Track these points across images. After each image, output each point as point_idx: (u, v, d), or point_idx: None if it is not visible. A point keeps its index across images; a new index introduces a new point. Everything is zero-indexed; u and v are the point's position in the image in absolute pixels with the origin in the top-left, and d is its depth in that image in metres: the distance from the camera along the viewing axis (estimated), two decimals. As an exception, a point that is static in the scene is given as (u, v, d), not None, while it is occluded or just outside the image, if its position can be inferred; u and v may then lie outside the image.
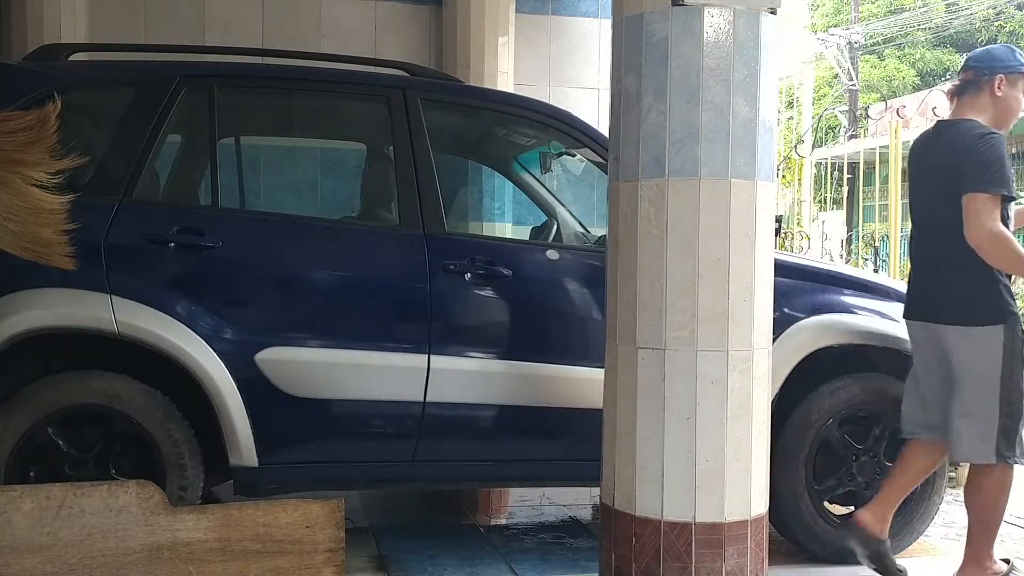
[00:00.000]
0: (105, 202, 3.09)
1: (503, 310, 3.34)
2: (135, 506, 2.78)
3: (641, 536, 2.50)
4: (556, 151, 4.16)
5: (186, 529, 2.81)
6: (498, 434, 3.34)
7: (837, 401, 3.40)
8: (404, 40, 6.67)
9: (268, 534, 2.86)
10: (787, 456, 3.35)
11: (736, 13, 2.43)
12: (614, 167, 2.61)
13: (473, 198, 5.96)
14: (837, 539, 3.39)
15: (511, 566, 3.38)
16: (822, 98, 23.10)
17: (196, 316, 3.06)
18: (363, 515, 4.00)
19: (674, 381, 2.46)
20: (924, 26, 26.15)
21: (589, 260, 3.41)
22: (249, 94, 3.65)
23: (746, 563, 2.49)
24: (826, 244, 12.89)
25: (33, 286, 2.99)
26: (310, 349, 3.17)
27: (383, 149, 3.77)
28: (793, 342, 3.32)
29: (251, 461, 3.09)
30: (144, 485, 2.82)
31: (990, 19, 25.41)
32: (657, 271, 2.47)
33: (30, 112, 3.00)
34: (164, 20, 6.23)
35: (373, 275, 3.28)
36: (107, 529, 2.76)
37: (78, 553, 2.74)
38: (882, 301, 3.56)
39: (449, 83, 3.78)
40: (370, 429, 3.26)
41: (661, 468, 2.47)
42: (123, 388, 3.04)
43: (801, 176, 11.20)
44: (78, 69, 3.39)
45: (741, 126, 2.45)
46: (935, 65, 25.90)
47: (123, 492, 2.79)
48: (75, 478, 2.99)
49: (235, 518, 2.85)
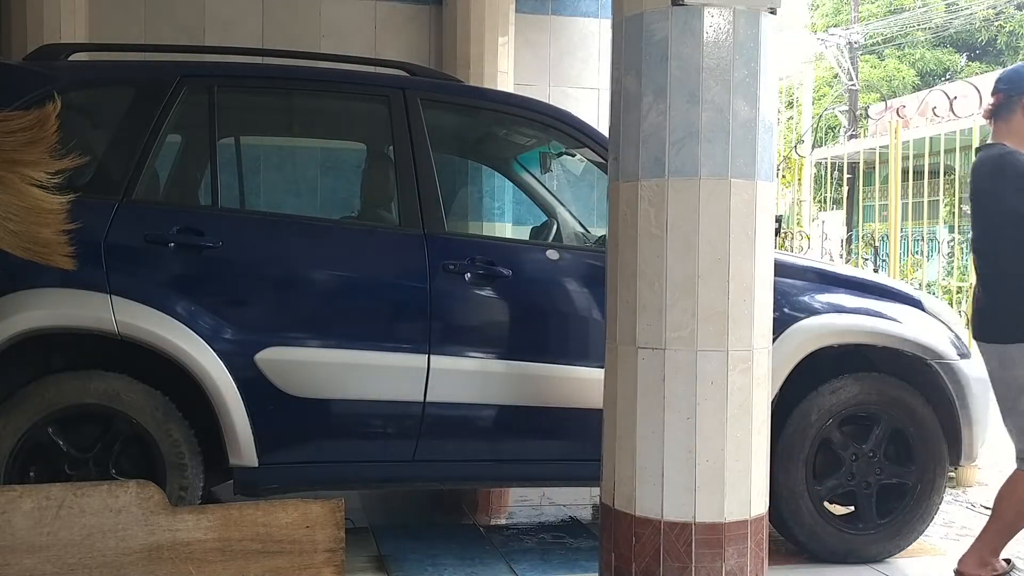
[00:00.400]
0: (105, 202, 3.09)
1: (503, 310, 3.34)
2: (135, 506, 2.78)
3: (641, 536, 2.50)
4: (556, 151, 4.16)
5: (186, 529, 2.81)
6: (498, 434, 3.33)
7: (837, 401, 3.40)
8: (404, 40, 6.67)
9: (268, 534, 2.86)
10: (787, 456, 3.36)
11: (736, 13, 2.43)
12: (614, 167, 2.61)
13: (473, 198, 5.96)
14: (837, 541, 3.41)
15: (511, 566, 3.38)
16: (822, 98, 23.08)
17: (196, 316, 3.06)
18: (363, 515, 4.00)
19: (674, 381, 2.46)
20: (924, 26, 26.15)
21: (589, 260, 3.41)
22: (249, 94, 3.65)
23: (746, 563, 2.49)
24: (826, 244, 12.86)
25: (33, 286, 2.99)
26: (310, 349, 3.17)
27: (383, 149, 3.77)
28: (793, 342, 3.32)
29: (251, 461, 3.09)
30: (144, 485, 2.82)
31: (990, 19, 25.40)
32: (657, 271, 2.47)
33: (30, 112, 3.00)
34: (164, 20, 6.23)
35: (373, 275, 3.28)
36: (107, 529, 2.76)
37: (78, 553, 2.74)
38: (882, 301, 3.56)
39: (449, 83, 3.78)
40: (370, 429, 3.26)
41: (661, 468, 2.47)
42: (123, 388, 3.04)
43: (801, 176, 11.18)
44: (78, 69, 3.39)
45: (741, 126, 2.45)
46: (935, 65, 25.90)
47: (123, 492, 2.79)
48: (75, 478, 2.99)
49: (235, 518, 2.85)
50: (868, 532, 3.46)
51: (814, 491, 3.41)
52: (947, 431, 3.50)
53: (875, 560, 3.47)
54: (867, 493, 3.45)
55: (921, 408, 3.47)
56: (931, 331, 3.52)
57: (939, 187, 8.53)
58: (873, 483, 3.45)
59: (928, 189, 6.99)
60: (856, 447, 3.44)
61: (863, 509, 3.46)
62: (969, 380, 3.48)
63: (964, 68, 25.73)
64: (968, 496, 4.63)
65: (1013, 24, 24.99)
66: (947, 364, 3.48)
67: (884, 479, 3.46)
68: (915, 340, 3.46)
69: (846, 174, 12.52)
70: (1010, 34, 25.28)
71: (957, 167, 14.12)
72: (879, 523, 3.46)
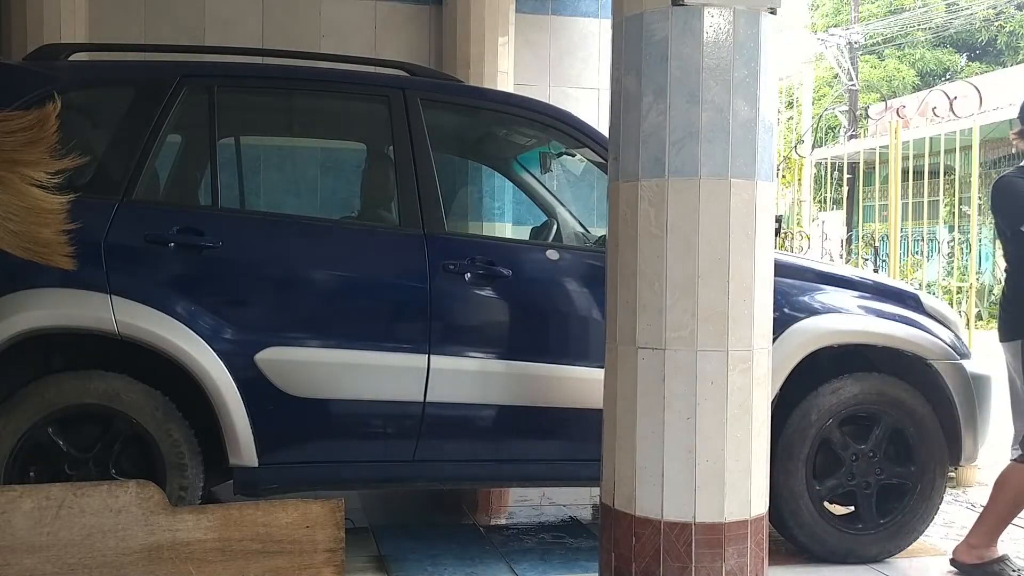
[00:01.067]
0: (105, 202, 3.09)
1: (503, 310, 3.34)
2: (135, 506, 2.78)
3: (641, 536, 2.50)
4: (556, 151, 4.16)
5: (186, 529, 2.81)
6: (498, 434, 3.33)
7: (837, 401, 3.40)
8: (404, 40, 6.67)
9: (268, 534, 2.86)
10: (787, 456, 3.36)
11: (736, 13, 2.43)
12: (614, 167, 2.61)
13: (473, 198, 5.96)
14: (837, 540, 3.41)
15: (511, 566, 3.38)
16: (822, 98, 23.08)
17: (196, 316, 3.06)
18: (363, 515, 4.00)
19: (674, 381, 2.46)
20: (924, 26, 26.15)
21: (589, 260, 3.41)
22: (249, 94, 3.65)
23: (746, 563, 2.49)
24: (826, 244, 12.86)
25: (33, 286, 2.99)
26: (310, 349, 3.17)
27: (383, 149, 3.77)
28: (793, 342, 3.32)
29: (251, 461, 3.09)
30: (144, 485, 2.82)
31: (990, 19, 25.41)
32: (657, 271, 2.47)
33: (30, 112, 3.00)
34: (164, 20, 6.23)
35: (373, 275, 3.28)
36: (107, 529, 2.76)
37: (78, 553, 2.74)
38: (882, 301, 3.56)
39: (449, 83, 3.78)
40: (370, 429, 3.26)
41: (661, 468, 2.47)
42: (123, 388, 3.04)
43: (801, 176, 11.18)
44: (78, 69, 3.39)
45: (741, 126, 2.45)
46: (935, 65, 25.90)
47: (123, 492, 2.79)
48: (75, 478, 2.99)
49: (235, 518, 2.85)
50: (868, 532, 3.46)
51: (814, 491, 3.41)
52: (947, 431, 3.50)
53: (875, 560, 3.47)
54: (867, 493, 3.45)
55: (921, 408, 3.47)
56: (931, 331, 3.52)
57: (939, 187, 8.53)
58: (873, 483, 3.45)
59: (928, 189, 6.98)
60: (856, 447, 3.44)
61: (863, 509, 3.46)
62: (969, 380, 3.48)
63: (964, 68, 25.74)
64: (968, 496, 4.63)
65: (1013, 24, 24.99)
66: (947, 364, 3.48)
67: (884, 479, 3.46)
68: (915, 340, 3.46)
69: (846, 174, 12.51)
70: (1010, 34, 25.28)
71: (957, 167, 14.12)
72: (879, 523, 3.46)
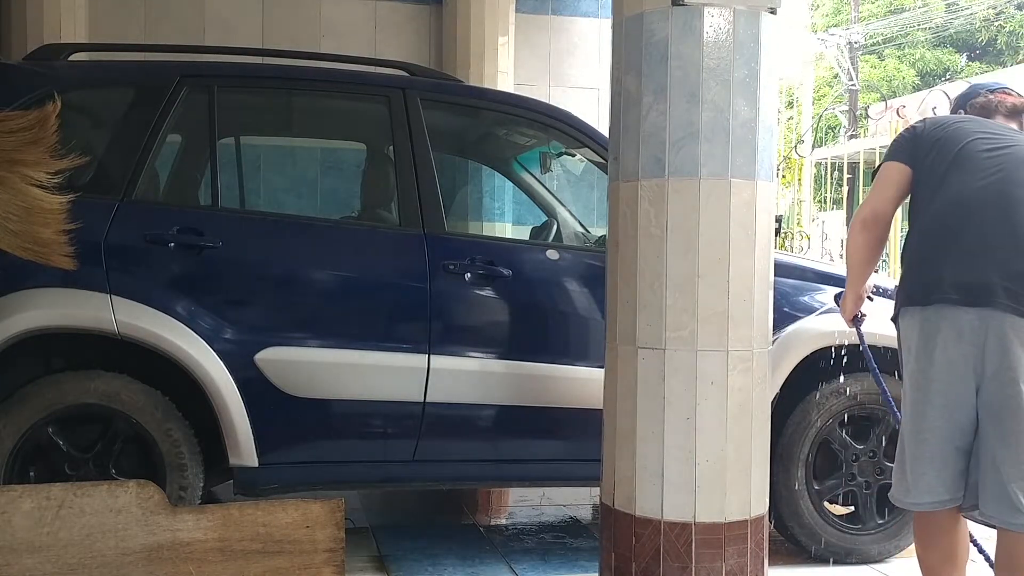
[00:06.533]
0: (105, 202, 3.09)
1: (503, 310, 3.34)
2: (135, 506, 2.77)
3: (641, 536, 2.50)
4: (556, 151, 4.16)
5: (186, 529, 2.80)
6: (498, 434, 3.33)
7: (837, 401, 3.40)
8: (404, 40, 6.68)
9: (268, 534, 2.86)
10: (787, 456, 3.36)
11: (736, 13, 2.43)
12: (614, 167, 2.61)
13: (473, 198, 5.96)
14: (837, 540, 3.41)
15: (511, 566, 3.38)
16: (822, 98, 23.09)
17: (196, 316, 3.06)
18: (363, 515, 4.00)
19: (674, 381, 2.46)
20: (924, 26, 26.15)
21: (589, 260, 3.41)
22: (249, 94, 3.65)
23: (746, 563, 2.49)
24: (826, 244, 12.92)
25: (33, 286, 2.98)
26: (310, 349, 3.17)
27: (383, 149, 3.77)
28: (793, 342, 3.32)
29: (251, 461, 3.09)
30: (144, 485, 2.82)
31: (990, 19, 25.41)
32: (657, 271, 2.47)
33: (30, 112, 3.00)
34: (164, 20, 6.24)
35: (373, 275, 3.28)
36: (107, 529, 2.75)
37: (78, 553, 2.73)
38: (882, 301, 3.55)
39: (449, 83, 3.78)
40: (370, 429, 3.26)
41: (661, 468, 2.47)
42: (123, 388, 3.03)
43: (801, 176, 11.22)
44: (78, 69, 3.39)
45: (741, 126, 2.45)
46: (935, 65, 25.90)
47: (123, 492, 2.78)
48: (75, 478, 2.99)
49: (235, 518, 2.85)
50: (868, 532, 3.46)
51: (814, 491, 3.41)
52: (947, 431, 3.49)
53: (875, 560, 3.47)
54: (867, 493, 3.45)
55: (921, 408, 3.46)
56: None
57: (939, 187, 8.51)
58: (873, 483, 3.45)
59: (928, 189, 6.98)
60: (856, 447, 3.44)
61: (863, 509, 3.46)
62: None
63: (964, 68, 25.74)
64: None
65: (1013, 24, 24.99)
66: (947, 364, 3.47)
67: (884, 479, 3.46)
68: (915, 340, 3.45)
69: (846, 174, 12.52)
70: (1010, 34, 25.28)
71: (957, 167, 14.08)
72: (879, 523, 3.46)
